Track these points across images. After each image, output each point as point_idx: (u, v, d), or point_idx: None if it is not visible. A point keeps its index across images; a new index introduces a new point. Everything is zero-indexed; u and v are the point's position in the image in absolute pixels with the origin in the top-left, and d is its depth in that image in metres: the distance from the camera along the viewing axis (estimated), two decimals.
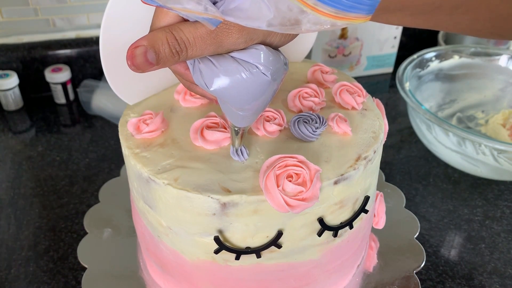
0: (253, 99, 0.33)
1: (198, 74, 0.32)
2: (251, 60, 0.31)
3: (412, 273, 0.53)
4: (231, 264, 0.42)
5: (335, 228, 0.42)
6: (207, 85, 0.32)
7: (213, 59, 0.32)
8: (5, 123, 0.83)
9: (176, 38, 0.30)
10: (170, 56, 0.30)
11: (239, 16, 0.28)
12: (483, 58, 0.82)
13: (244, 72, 0.31)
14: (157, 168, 0.40)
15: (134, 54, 0.30)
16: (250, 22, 0.28)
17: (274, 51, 0.32)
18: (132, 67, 0.30)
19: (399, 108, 0.89)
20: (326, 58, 0.93)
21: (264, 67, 0.32)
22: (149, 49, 0.30)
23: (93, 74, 0.90)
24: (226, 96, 0.33)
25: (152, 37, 0.30)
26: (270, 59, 0.32)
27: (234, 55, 0.32)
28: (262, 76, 0.32)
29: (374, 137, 0.44)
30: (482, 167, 0.67)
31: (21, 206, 0.65)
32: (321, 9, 0.26)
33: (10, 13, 0.83)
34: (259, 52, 0.31)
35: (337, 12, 0.26)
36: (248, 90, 0.32)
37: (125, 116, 0.47)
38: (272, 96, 0.35)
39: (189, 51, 0.30)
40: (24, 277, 0.55)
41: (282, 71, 0.33)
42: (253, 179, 0.39)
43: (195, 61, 0.32)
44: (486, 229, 0.63)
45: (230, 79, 0.32)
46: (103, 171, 0.72)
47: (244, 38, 0.31)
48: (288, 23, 0.27)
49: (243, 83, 0.32)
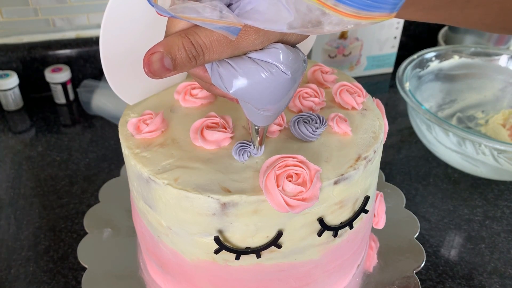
0: (275, 98, 0.33)
1: (217, 77, 0.32)
2: (271, 59, 0.31)
3: (412, 273, 0.53)
4: (231, 264, 0.42)
5: (335, 228, 0.42)
6: (227, 88, 0.32)
7: (232, 62, 0.31)
8: (5, 123, 0.83)
9: (192, 42, 0.29)
10: (187, 61, 0.30)
11: (257, 19, 0.27)
12: (483, 58, 0.82)
13: (264, 73, 0.31)
14: (157, 168, 0.40)
15: (150, 61, 0.29)
16: (270, 25, 0.27)
17: (293, 49, 0.32)
18: (149, 74, 0.30)
19: (399, 108, 0.89)
20: (326, 58, 0.93)
21: (284, 66, 0.31)
22: (165, 55, 0.29)
23: (93, 74, 0.90)
24: (247, 97, 0.33)
25: (168, 42, 0.29)
26: (290, 58, 0.31)
27: (253, 56, 0.31)
28: (282, 75, 0.31)
29: (374, 137, 0.44)
30: (482, 167, 0.67)
31: (21, 206, 0.65)
32: (341, 9, 0.25)
33: (10, 13, 0.83)
34: (278, 51, 0.31)
35: (358, 12, 0.25)
36: (269, 90, 0.32)
37: (125, 116, 0.47)
38: (294, 94, 0.34)
39: (206, 56, 0.30)
40: (24, 277, 0.55)
41: (302, 68, 0.33)
42: (253, 179, 0.39)
43: (213, 64, 0.32)
44: (486, 229, 0.63)
45: (250, 80, 0.31)
46: (103, 171, 0.72)
47: (261, 39, 0.30)
48: (309, 24, 0.27)
49: (264, 83, 0.31)
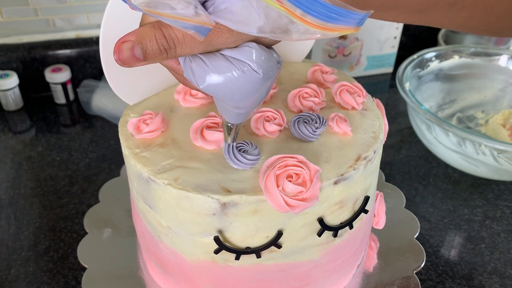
0: (247, 96, 0.33)
1: (189, 72, 0.32)
2: (243, 58, 0.31)
3: (412, 273, 0.53)
4: (231, 264, 0.42)
5: (335, 228, 0.42)
6: (198, 83, 0.32)
7: (204, 58, 0.31)
8: (5, 123, 0.83)
9: (165, 35, 0.29)
10: (158, 53, 0.30)
11: (229, 19, 0.27)
12: (483, 58, 0.82)
13: (235, 71, 0.31)
14: (157, 168, 0.40)
15: (121, 49, 0.29)
16: (240, 27, 0.28)
17: (267, 49, 0.32)
18: (118, 62, 0.30)
19: (399, 108, 0.89)
20: (326, 58, 0.93)
21: (256, 65, 0.31)
22: (136, 45, 0.29)
23: (93, 74, 0.90)
24: (218, 94, 0.33)
25: (140, 32, 0.29)
26: (262, 58, 0.32)
27: (226, 53, 0.31)
28: (254, 74, 0.32)
29: (374, 137, 0.44)
30: (482, 167, 0.67)
31: (21, 206, 0.65)
32: (308, 20, 0.25)
33: (10, 13, 0.83)
34: (251, 50, 0.31)
35: (324, 24, 0.26)
36: (241, 88, 0.32)
37: (125, 116, 0.47)
38: (266, 93, 0.34)
39: (177, 49, 0.30)
40: (24, 277, 0.55)
41: (275, 69, 0.33)
42: (253, 179, 0.39)
43: (185, 58, 0.32)
44: (486, 229, 0.63)
45: (222, 77, 0.31)
46: (103, 171, 0.72)
47: (234, 37, 0.30)
48: (278, 30, 0.27)
49: (235, 81, 0.32)
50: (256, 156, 0.40)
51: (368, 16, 0.26)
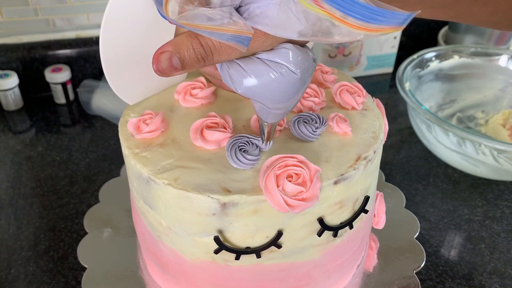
0: (286, 97, 0.33)
1: (227, 77, 0.32)
2: (280, 60, 0.31)
3: (412, 273, 0.53)
4: (231, 264, 0.42)
5: (335, 228, 0.42)
6: (236, 88, 0.32)
7: (241, 63, 0.31)
8: (5, 123, 0.83)
9: (201, 44, 0.30)
10: (195, 61, 0.30)
11: (267, 24, 0.27)
12: (483, 58, 0.82)
13: (273, 73, 0.31)
14: (157, 168, 0.40)
15: (159, 60, 0.30)
16: (279, 32, 0.27)
17: (302, 49, 0.32)
18: (157, 72, 0.30)
19: (399, 108, 0.89)
20: (326, 58, 0.93)
21: (293, 66, 0.31)
22: (174, 55, 0.29)
23: (93, 74, 0.90)
24: (257, 97, 0.33)
25: (177, 42, 0.30)
26: (299, 58, 0.32)
27: (262, 57, 0.31)
28: (292, 75, 0.32)
29: (374, 137, 0.44)
30: (482, 167, 0.67)
31: (21, 206, 0.65)
32: (350, 22, 0.25)
33: (10, 13, 0.83)
34: (288, 51, 0.31)
35: (367, 25, 0.25)
36: (279, 90, 0.32)
37: (125, 116, 0.47)
38: (304, 92, 0.35)
39: (215, 57, 0.30)
40: (24, 277, 0.55)
41: (311, 67, 0.33)
42: (253, 179, 0.39)
43: (223, 64, 0.32)
44: (486, 229, 0.63)
45: (260, 81, 0.32)
46: (103, 171, 0.72)
47: (270, 41, 0.30)
48: (319, 34, 0.27)
49: (274, 83, 0.32)
50: (256, 156, 0.40)
51: (414, 16, 0.25)
